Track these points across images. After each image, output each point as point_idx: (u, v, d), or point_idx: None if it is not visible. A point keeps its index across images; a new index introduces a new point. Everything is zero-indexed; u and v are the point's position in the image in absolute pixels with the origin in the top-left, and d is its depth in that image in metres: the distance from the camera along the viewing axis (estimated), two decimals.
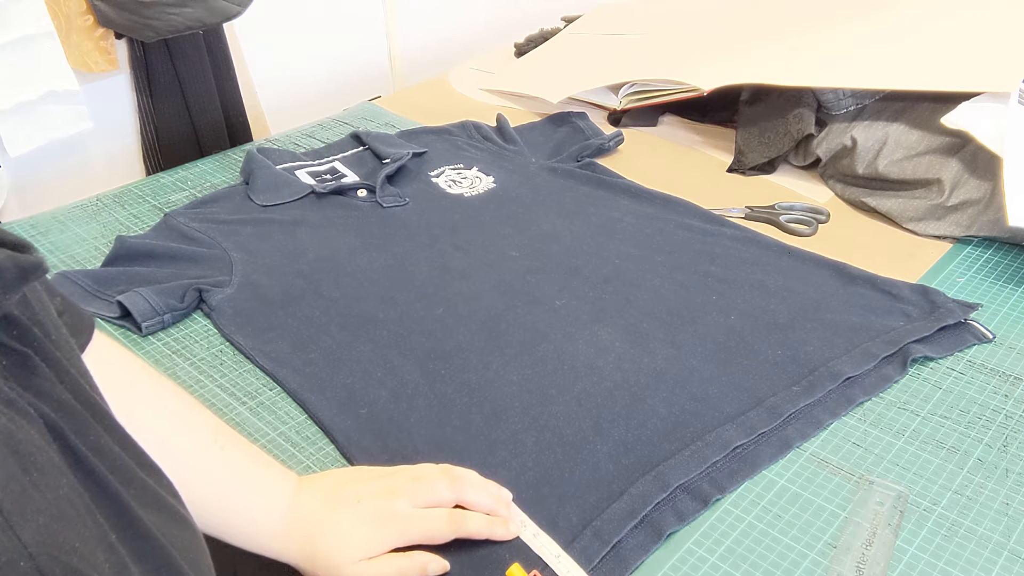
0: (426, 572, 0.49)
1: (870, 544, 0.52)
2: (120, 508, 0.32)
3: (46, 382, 0.33)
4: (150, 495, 0.35)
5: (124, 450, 0.35)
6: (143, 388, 0.50)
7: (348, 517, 0.50)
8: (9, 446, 0.28)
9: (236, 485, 0.50)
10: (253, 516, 0.50)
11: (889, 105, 0.90)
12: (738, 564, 0.51)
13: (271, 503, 0.50)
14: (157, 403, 0.50)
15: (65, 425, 0.32)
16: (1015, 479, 0.56)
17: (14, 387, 0.30)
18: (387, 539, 0.50)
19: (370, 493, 0.51)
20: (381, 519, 0.50)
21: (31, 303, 0.35)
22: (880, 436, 0.60)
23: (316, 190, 0.90)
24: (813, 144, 0.94)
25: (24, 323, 0.33)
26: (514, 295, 0.75)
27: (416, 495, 0.51)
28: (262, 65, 1.31)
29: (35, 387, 0.32)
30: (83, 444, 0.32)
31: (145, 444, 0.39)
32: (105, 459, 0.33)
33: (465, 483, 0.52)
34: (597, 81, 1.11)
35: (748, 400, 0.62)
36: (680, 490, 0.55)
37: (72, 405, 0.33)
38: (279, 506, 0.50)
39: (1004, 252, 0.81)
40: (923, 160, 0.85)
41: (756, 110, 0.99)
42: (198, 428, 0.51)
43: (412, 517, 0.50)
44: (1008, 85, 0.80)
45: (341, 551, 0.49)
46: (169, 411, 0.50)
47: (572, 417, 0.61)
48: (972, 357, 0.67)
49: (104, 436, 0.34)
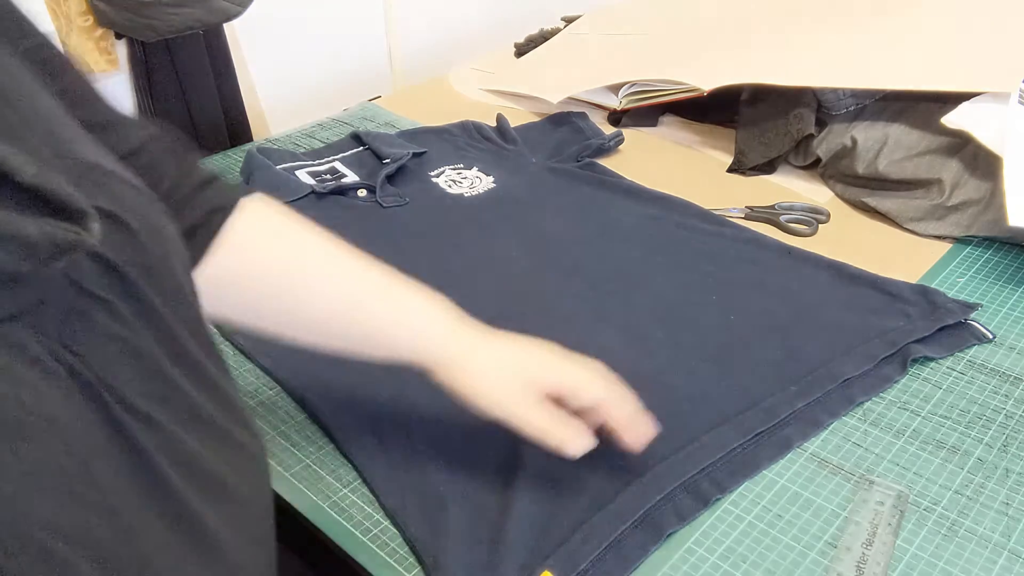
0: (560, 451, 0.50)
1: (870, 544, 0.52)
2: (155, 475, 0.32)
3: (119, 329, 0.33)
4: (215, 436, 0.36)
5: (200, 390, 0.36)
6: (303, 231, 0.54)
7: (509, 342, 0.53)
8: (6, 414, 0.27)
9: (400, 298, 0.54)
10: (415, 317, 0.53)
11: (889, 105, 0.90)
12: (738, 564, 0.51)
13: (432, 317, 0.53)
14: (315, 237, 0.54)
15: (114, 382, 0.32)
16: (1015, 479, 0.56)
17: (51, 343, 0.30)
18: (543, 372, 0.51)
19: (529, 343, 0.54)
20: (542, 352, 0.53)
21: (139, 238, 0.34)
22: (880, 436, 0.60)
23: (316, 190, 0.90)
24: (813, 144, 0.94)
25: (110, 266, 0.32)
26: (514, 295, 0.75)
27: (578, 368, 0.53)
28: (262, 65, 1.31)
29: (92, 339, 0.32)
30: (129, 400, 0.32)
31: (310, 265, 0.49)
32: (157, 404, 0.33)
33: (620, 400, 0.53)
34: (597, 81, 1.11)
35: (747, 400, 0.62)
36: (680, 489, 0.55)
37: (139, 348, 0.33)
38: (441, 320, 0.53)
39: (1004, 252, 0.81)
40: (923, 160, 0.84)
41: (756, 110, 0.99)
42: (356, 257, 0.54)
43: (570, 363, 0.52)
44: (1008, 85, 0.80)
45: (493, 370, 0.51)
46: (327, 243, 0.54)
47: None
48: (972, 357, 0.67)
49: (174, 382, 0.35)
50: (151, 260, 0.35)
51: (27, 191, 0.28)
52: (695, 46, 1.11)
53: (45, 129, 0.34)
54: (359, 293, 0.53)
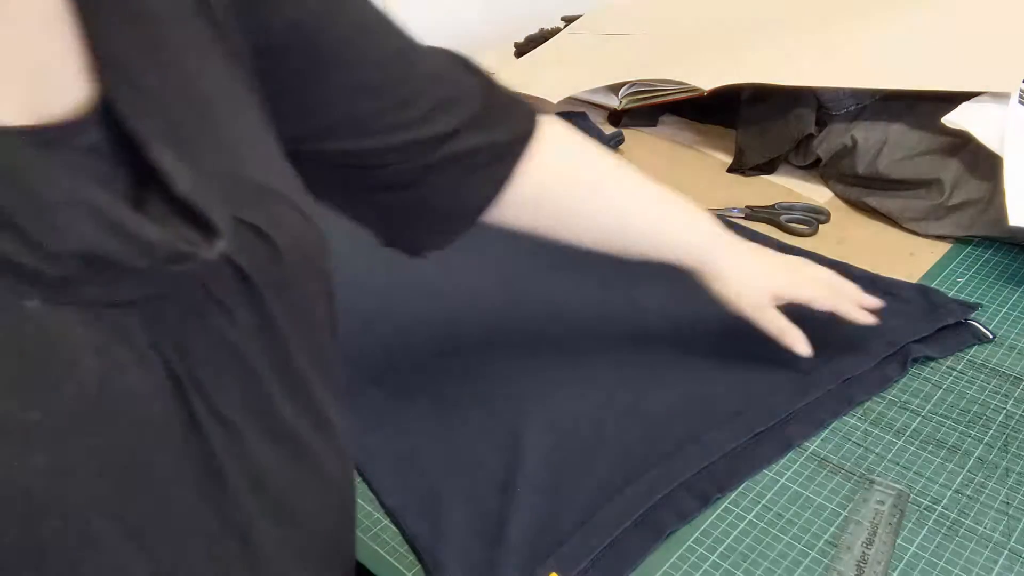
0: (794, 347, 0.62)
1: (871, 543, 0.52)
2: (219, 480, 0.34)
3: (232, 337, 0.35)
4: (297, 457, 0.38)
5: (292, 400, 0.38)
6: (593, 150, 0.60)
7: (764, 259, 0.64)
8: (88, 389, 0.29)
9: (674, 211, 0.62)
10: (687, 226, 0.62)
11: (889, 105, 0.90)
12: (738, 563, 0.51)
13: (699, 224, 0.62)
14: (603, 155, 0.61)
15: (208, 384, 0.33)
16: (1015, 478, 0.56)
17: (157, 335, 0.32)
18: (785, 288, 0.63)
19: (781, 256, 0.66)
20: (784, 273, 0.64)
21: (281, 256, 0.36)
22: (881, 435, 0.60)
23: None
24: (813, 144, 0.94)
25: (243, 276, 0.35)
26: (515, 294, 0.75)
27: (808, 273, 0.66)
28: None
29: (202, 341, 0.33)
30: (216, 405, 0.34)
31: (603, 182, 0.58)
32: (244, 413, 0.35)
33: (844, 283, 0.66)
34: (597, 81, 1.11)
35: (747, 399, 0.62)
36: (681, 488, 0.55)
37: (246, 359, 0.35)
38: (706, 228, 0.62)
39: (1004, 252, 0.81)
40: (923, 160, 0.84)
41: (756, 110, 0.99)
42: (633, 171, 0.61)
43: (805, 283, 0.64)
44: (1008, 85, 0.80)
45: (752, 280, 0.62)
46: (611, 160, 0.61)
47: (571, 417, 0.61)
48: (973, 357, 0.67)
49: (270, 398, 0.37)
50: (287, 279, 0.37)
51: (178, 200, 0.31)
52: (695, 46, 1.11)
53: (228, 145, 0.36)
54: (643, 206, 0.61)
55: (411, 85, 0.47)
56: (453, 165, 0.50)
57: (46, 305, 0.28)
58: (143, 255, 0.30)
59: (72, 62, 0.32)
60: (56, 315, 0.29)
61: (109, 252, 0.29)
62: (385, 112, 0.46)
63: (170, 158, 0.32)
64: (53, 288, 0.28)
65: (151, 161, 0.31)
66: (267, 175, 0.38)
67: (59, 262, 0.28)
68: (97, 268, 0.29)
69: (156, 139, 0.32)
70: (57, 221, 0.28)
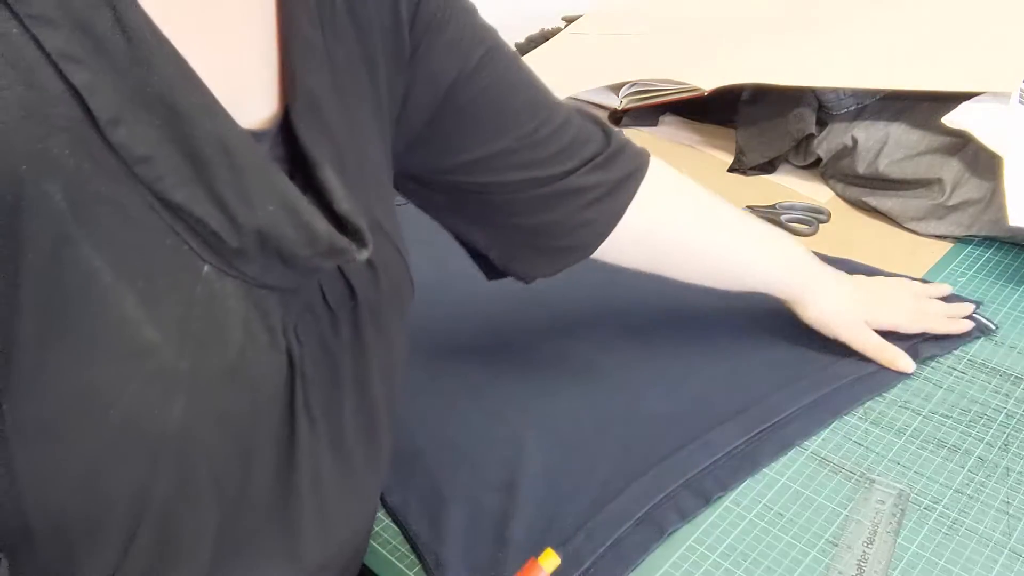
0: (895, 364, 0.64)
1: (871, 542, 0.52)
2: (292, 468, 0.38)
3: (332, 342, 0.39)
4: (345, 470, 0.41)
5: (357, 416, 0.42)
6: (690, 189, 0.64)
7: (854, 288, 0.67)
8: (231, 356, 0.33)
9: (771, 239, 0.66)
10: (784, 259, 0.66)
11: (890, 105, 0.90)
12: (739, 562, 0.51)
13: (794, 251, 0.67)
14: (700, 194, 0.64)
15: (310, 378, 0.37)
16: (1016, 478, 0.56)
17: (289, 323, 0.36)
18: (875, 317, 0.66)
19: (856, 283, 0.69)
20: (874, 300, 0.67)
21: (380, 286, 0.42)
22: (881, 435, 0.60)
23: None
24: (814, 144, 0.94)
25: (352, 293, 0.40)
26: (515, 294, 0.75)
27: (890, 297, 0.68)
28: None
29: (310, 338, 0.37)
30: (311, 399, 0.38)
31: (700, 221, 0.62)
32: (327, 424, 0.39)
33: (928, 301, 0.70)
34: (597, 81, 1.11)
35: (748, 399, 0.62)
36: (682, 487, 0.55)
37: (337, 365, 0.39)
38: (800, 253, 0.66)
39: (1004, 252, 0.81)
40: (924, 160, 0.85)
41: (756, 110, 0.99)
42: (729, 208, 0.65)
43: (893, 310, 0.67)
44: (1008, 85, 0.81)
45: (846, 307, 0.65)
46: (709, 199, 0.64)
47: (572, 416, 0.61)
48: (973, 356, 0.67)
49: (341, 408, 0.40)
50: (380, 307, 0.42)
51: (337, 216, 0.36)
52: (695, 46, 1.11)
53: (365, 187, 0.41)
54: (743, 244, 0.64)
55: (544, 131, 0.52)
56: (571, 199, 0.54)
57: (217, 272, 0.33)
58: (308, 244, 0.34)
59: (268, 81, 0.37)
60: (222, 283, 0.33)
61: (284, 234, 0.33)
62: (522, 152, 0.51)
63: (335, 179, 0.36)
64: (227, 258, 0.33)
65: (318, 179, 0.36)
66: (381, 210, 0.43)
67: (241, 234, 0.32)
68: (267, 247, 0.33)
69: (325, 162, 0.36)
70: (252, 197, 0.32)
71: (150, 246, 0.31)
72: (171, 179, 0.31)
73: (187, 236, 0.31)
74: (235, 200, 0.32)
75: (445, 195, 0.54)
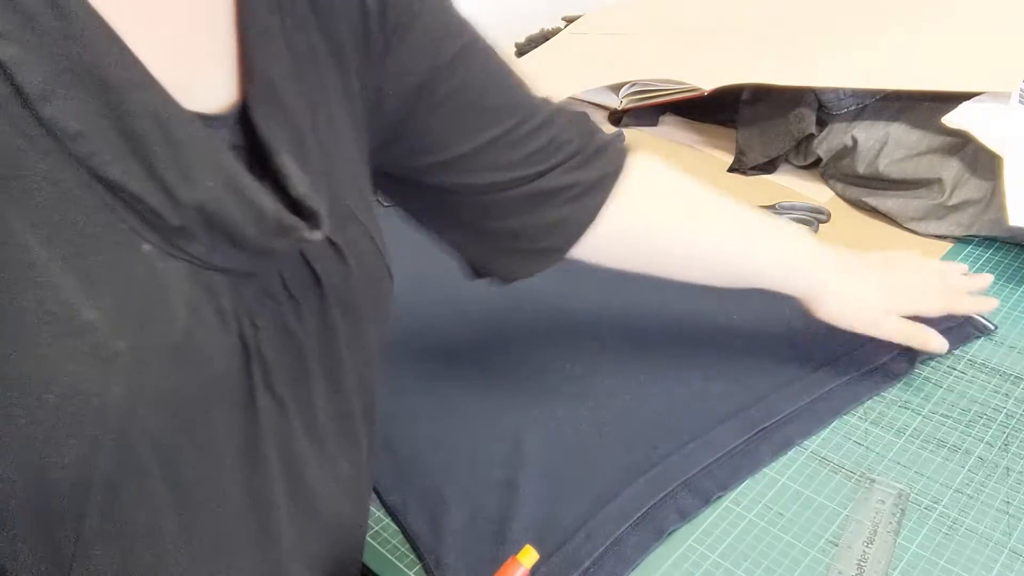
0: (926, 345, 0.62)
1: (871, 542, 0.52)
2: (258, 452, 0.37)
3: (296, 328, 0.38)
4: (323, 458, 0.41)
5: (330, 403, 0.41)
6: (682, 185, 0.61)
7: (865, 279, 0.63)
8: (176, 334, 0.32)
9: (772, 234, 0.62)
10: (786, 254, 0.62)
11: (890, 105, 0.90)
12: (739, 562, 0.51)
13: (800, 245, 0.63)
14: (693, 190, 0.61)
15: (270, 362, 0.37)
16: (1016, 478, 0.56)
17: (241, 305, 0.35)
18: (898, 305, 0.63)
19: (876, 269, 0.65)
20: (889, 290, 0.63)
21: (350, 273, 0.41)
22: (881, 435, 0.60)
23: None
24: (814, 144, 0.94)
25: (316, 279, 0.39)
26: (514, 294, 0.75)
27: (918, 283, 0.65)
28: None
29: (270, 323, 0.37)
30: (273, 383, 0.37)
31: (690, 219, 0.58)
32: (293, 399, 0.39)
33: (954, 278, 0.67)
34: (597, 81, 1.11)
35: (748, 398, 0.62)
36: (681, 487, 0.55)
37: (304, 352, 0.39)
38: (809, 256, 0.62)
39: (1004, 252, 0.81)
40: (924, 160, 0.85)
41: (756, 110, 0.99)
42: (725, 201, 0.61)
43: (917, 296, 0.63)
44: (1008, 85, 0.81)
45: (865, 301, 0.62)
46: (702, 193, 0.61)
47: (572, 416, 0.61)
48: (973, 356, 0.67)
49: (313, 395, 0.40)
50: (351, 296, 0.41)
51: (292, 200, 0.35)
52: (696, 46, 1.11)
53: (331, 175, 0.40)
54: (735, 238, 0.60)
55: (522, 130, 0.51)
56: (544, 200, 0.53)
57: (159, 252, 0.32)
58: (254, 222, 0.33)
59: (224, 67, 0.36)
60: (164, 263, 0.32)
61: (226, 212, 0.32)
62: (497, 152, 0.50)
63: (292, 165, 0.36)
64: (168, 237, 0.32)
65: (275, 165, 0.35)
66: (355, 202, 0.42)
67: (181, 210, 0.32)
68: (211, 226, 0.33)
69: (283, 148, 0.36)
70: (190, 172, 0.32)
71: (87, 224, 0.30)
72: (105, 155, 0.30)
73: (125, 214, 0.31)
74: (174, 176, 0.31)
75: (420, 195, 0.52)
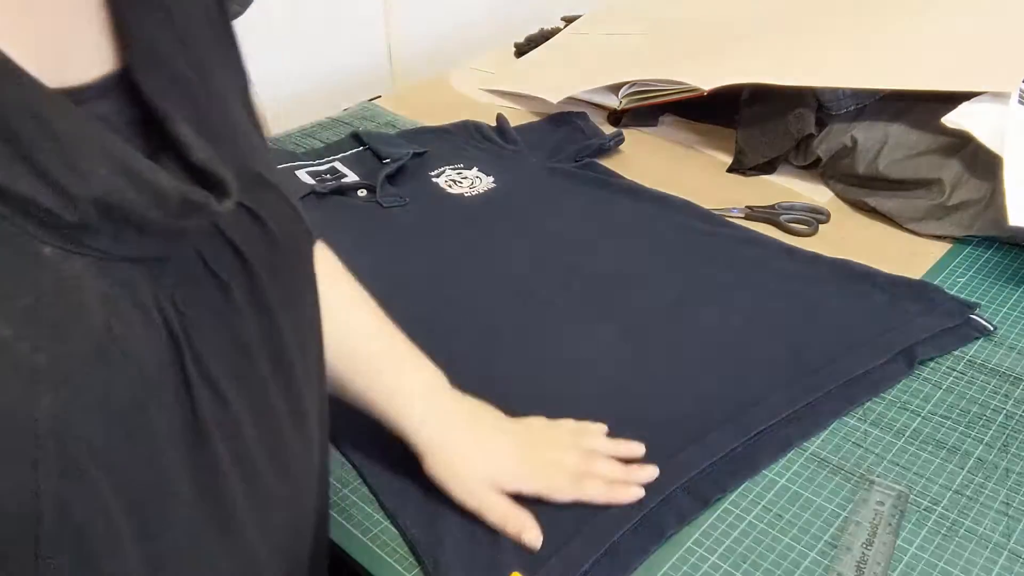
0: (520, 537, 0.52)
1: (870, 544, 0.52)
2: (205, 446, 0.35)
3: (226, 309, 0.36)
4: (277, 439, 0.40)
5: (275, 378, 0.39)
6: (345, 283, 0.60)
7: (487, 441, 0.56)
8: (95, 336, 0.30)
9: (392, 368, 0.58)
10: (398, 394, 0.56)
11: (889, 105, 0.90)
12: (738, 564, 0.51)
13: (416, 387, 0.57)
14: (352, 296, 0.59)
15: (202, 350, 0.35)
16: (1015, 479, 0.56)
17: (161, 294, 0.33)
18: (514, 481, 0.54)
19: (512, 432, 0.57)
20: (515, 460, 0.55)
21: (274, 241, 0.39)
22: (880, 436, 0.60)
23: (316, 190, 0.90)
24: (813, 144, 0.94)
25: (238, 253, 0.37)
26: (513, 296, 0.75)
27: (551, 454, 0.56)
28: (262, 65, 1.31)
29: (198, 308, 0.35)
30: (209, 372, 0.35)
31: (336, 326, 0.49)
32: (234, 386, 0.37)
33: (594, 455, 0.56)
34: (597, 81, 1.11)
35: (747, 400, 0.62)
36: (680, 490, 0.55)
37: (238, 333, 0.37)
38: (430, 396, 0.57)
39: (1004, 252, 0.81)
40: (923, 160, 0.84)
41: (756, 110, 0.99)
42: (377, 320, 0.59)
43: (542, 472, 0.55)
44: (1008, 85, 0.80)
45: (471, 465, 0.54)
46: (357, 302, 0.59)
47: (570, 418, 0.61)
48: (973, 357, 0.67)
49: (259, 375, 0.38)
50: (278, 264, 0.39)
51: (195, 169, 0.33)
52: (695, 46, 1.11)
53: (232, 140, 0.38)
54: (365, 356, 0.57)
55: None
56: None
57: (61, 252, 0.30)
58: (157, 204, 0.31)
59: (94, 35, 0.34)
60: (69, 263, 0.30)
61: (125, 199, 0.30)
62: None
63: (189, 131, 0.34)
64: (69, 235, 0.30)
65: (172, 133, 0.33)
66: (263, 166, 0.40)
67: (77, 206, 0.29)
68: (112, 216, 0.31)
69: (177, 114, 0.34)
70: (79, 164, 0.29)
71: None
72: None
73: (19, 219, 0.29)
74: (61, 171, 0.29)
75: None
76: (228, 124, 0.39)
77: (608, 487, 0.54)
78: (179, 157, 0.34)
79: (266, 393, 0.39)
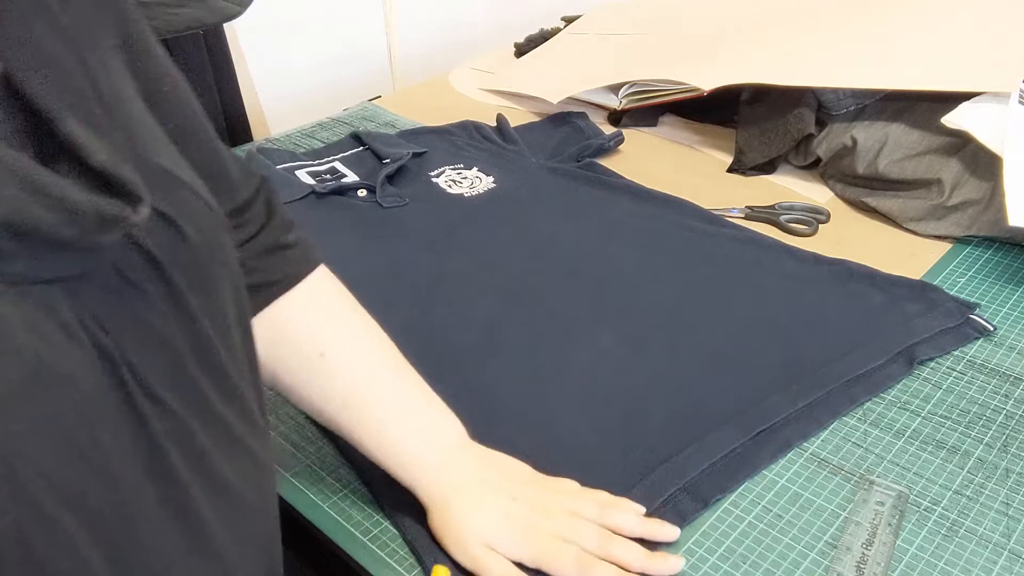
0: None
1: (870, 544, 0.52)
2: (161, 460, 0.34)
3: (151, 317, 0.35)
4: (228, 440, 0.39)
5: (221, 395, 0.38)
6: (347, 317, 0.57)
7: (493, 503, 0.53)
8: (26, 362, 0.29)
9: (404, 415, 0.55)
10: (410, 447, 0.54)
11: (889, 105, 0.90)
12: (738, 564, 0.51)
13: (430, 443, 0.55)
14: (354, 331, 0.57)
15: (137, 363, 0.34)
16: (1015, 479, 0.56)
17: (83, 313, 0.32)
18: (516, 549, 0.51)
19: (524, 496, 0.53)
20: (521, 528, 0.51)
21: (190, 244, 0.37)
22: (880, 436, 0.60)
23: (316, 190, 0.90)
24: (813, 144, 0.94)
25: (154, 260, 0.35)
26: (513, 296, 0.75)
27: (564, 528, 0.51)
28: (262, 65, 1.31)
29: (123, 321, 0.34)
30: (148, 384, 0.34)
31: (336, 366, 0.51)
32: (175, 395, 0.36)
33: (614, 538, 0.51)
34: (597, 81, 1.11)
35: (747, 400, 0.62)
36: (680, 490, 0.55)
37: (167, 340, 0.35)
38: (437, 449, 0.54)
39: (1004, 252, 0.81)
40: (923, 160, 0.84)
41: (756, 110, 0.99)
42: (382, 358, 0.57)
43: (548, 546, 0.51)
44: (1008, 85, 0.80)
45: (472, 526, 0.52)
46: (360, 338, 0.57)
47: (570, 420, 0.61)
48: (972, 357, 0.67)
49: (195, 380, 0.37)
50: (196, 266, 0.37)
51: (97, 174, 0.31)
52: (695, 46, 1.11)
53: (129, 132, 0.36)
54: (377, 392, 0.55)
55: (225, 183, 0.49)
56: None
57: None
58: (71, 222, 0.29)
59: None
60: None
61: (37, 218, 0.28)
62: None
63: (84, 132, 0.31)
64: None
65: (64, 135, 0.31)
66: (169, 162, 0.38)
67: None
68: (23, 239, 0.29)
69: (68, 115, 0.31)
70: None
71: None
72: None
73: None
74: None
75: None
76: (122, 114, 0.36)
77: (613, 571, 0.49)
78: (79, 162, 0.31)
79: (205, 396, 0.38)
